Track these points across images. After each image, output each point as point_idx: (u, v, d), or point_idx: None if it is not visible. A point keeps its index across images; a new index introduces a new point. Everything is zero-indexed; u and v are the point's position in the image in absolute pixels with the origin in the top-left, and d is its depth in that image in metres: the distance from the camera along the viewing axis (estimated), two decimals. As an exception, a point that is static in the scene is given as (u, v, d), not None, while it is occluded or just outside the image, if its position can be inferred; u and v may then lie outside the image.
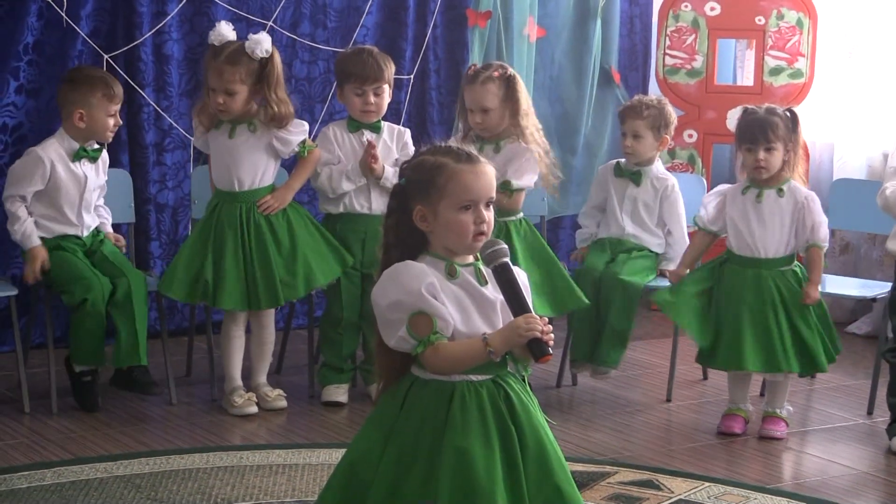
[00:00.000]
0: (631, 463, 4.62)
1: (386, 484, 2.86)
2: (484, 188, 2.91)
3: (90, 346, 4.97)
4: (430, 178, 2.90)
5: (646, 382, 5.78)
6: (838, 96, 7.00)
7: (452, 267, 2.90)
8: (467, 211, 2.89)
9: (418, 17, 6.58)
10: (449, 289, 2.87)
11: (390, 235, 2.95)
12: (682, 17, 7.12)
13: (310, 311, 5.59)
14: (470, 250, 2.92)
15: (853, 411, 5.41)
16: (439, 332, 2.83)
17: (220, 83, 5.02)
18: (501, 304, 2.91)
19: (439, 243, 2.92)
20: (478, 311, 2.90)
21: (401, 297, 2.84)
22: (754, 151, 4.90)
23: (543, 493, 2.88)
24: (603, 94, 7.05)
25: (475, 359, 2.86)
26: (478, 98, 5.24)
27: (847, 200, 5.92)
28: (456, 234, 2.89)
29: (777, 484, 4.51)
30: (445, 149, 2.96)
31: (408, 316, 2.83)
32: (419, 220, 2.91)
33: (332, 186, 5.18)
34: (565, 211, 6.97)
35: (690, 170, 6.97)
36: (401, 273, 2.87)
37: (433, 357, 2.84)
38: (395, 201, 2.97)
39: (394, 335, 2.86)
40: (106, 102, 5.03)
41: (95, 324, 4.95)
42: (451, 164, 2.90)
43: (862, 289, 5.71)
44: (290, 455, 4.60)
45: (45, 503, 4.04)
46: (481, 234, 2.89)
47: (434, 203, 2.89)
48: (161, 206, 6.09)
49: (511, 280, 2.88)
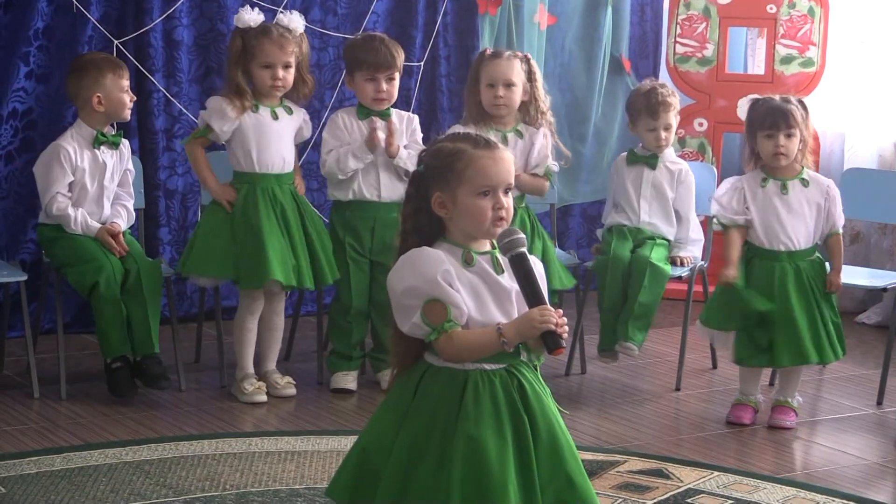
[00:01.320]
0: (640, 452, 4.62)
1: (398, 470, 2.86)
2: (502, 174, 2.91)
3: (114, 335, 4.95)
4: (449, 164, 2.89)
5: (655, 371, 5.78)
6: (849, 86, 7.00)
7: (469, 254, 2.90)
8: (486, 197, 2.88)
9: (429, 4, 6.57)
10: (465, 276, 2.87)
11: (408, 222, 2.95)
12: (693, 5, 7.11)
13: (319, 299, 5.60)
14: (488, 235, 2.92)
15: (863, 401, 5.41)
16: (453, 321, 2.83)
17: (282, 56, 5.07)
18: (517, 294, 2.90)
19: (458, 230, 2.92)
20: (493, 300, 2.89)
21: (416, 283, 2.84)
22: (774, 137, 4.88)
23: (555, 483, 2.88)
24: (613, 83, 7.04)
25: (489, 348, 2.86)
26: (504, 71, 5.25)
27: (858, 190, 5.91)
28: (475, 219, 2.89)
29: (786, 474, 4.51)
30: (464, 135, 2.95)
31: (422, 303, 2.83)
32: (438, 206, 2.91)
33: (339, 167, 5.17)
34: (575, 199, 6.97)
35: (701, 158, 6.96)
36: (417, 259, 2.87)
37: (447, 345, 2.84)
38: (413, 188, 2.96)
39: (408, 321, 2.86)
40: (118, 80, 5.05)
41: (113, 309, 4.94)
42: (470, 150, 2.90)
43: (872, 279, 5.70)
44: (299, 442, 4.60)
45: (54, 488, 4.05)
46: (500, 219, 2.89)
47: (453, 189, 2.89)
48: (170, 192, 6.09)
49: (528, 270, 2.88)
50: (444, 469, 2.82)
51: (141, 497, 4.00)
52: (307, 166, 6.08)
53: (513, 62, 5.28)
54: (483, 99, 5.29)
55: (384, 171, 5.23)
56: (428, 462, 2.84)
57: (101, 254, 4.97)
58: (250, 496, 4.04)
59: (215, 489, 4.10)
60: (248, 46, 5.06)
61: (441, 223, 2.93)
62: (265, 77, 5.08)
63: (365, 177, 5.23)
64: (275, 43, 5.05)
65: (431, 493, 2.82)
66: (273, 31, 5.07)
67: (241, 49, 5.07)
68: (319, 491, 4.03)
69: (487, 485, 2.80)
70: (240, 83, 5.08)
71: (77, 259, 4.99)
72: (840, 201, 4.98)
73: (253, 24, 5.07)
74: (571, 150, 6.80)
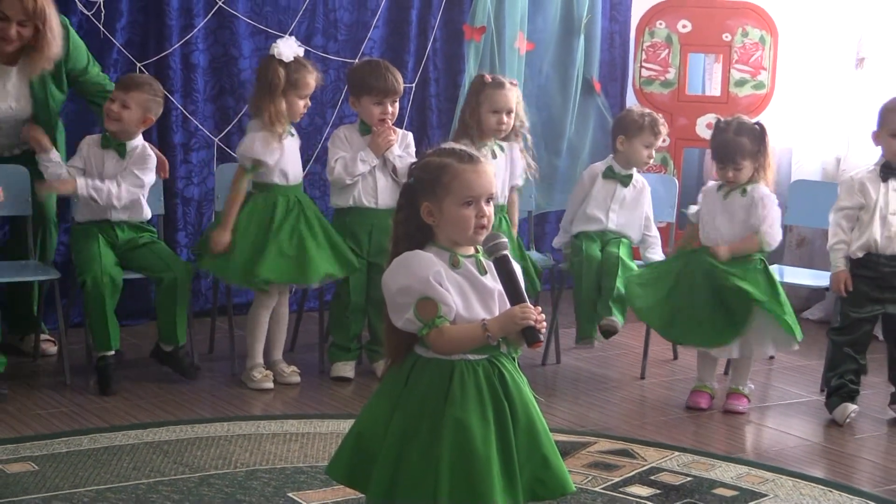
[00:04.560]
0: (609, 434, 4.63)
1: (391, 451, 2.86)
2: (485, 185, 2.90)
3: (99, 330, 4.91)
4: (436, 177, 2.89)
5: (622, 362, 5.79)
6: (797, 106, 7.01)
7: (456, 258, 2.89)
8: (469, 206, 2.88)
9: (420, 32, 6.57)
10: (452, 277, 2.87)
11: (400, 229, 2.94)
12: (657, 33, 7.12)
13: (320, 296, 5.61)
14: (472, 241, 2.91)
15: (807, 389, 5.42)
16: (443, 316, 2.82)
17: (309, 90, 5.08)
18: (499, 294, 2.90)
19: (444, 236, 2.91)
20: (477, 299, 2.89)
21: (410, 282, 2.83)
22: (724, 170, 4.91)
23: (532, 462, 2.89)
24: (585, 103, 7.04)
25: (474, 342, 2.86)
26: (508, 100, 5.27)
27: (804, 200, 5.93)
28: (459, 227, 2.88)
29: (739, 453, 4.51)
30: (449, 150, 2.94)
31: (415, 300, 2.82)
32: (426, 214, 2.90)
33: (347, 172, 5.15)
34: (550, 207, 6.97)
35: (664, 171, 6.97)
36: (410, 261, 2.86)
37: (437, 338, 2.84)
38: (404, 198, 2.96)
39: (402, 317, 2.85)
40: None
41: (97, 306, 4.87)
42: (455, 164, 2.89)
43: (816, 279, 5.72)
44: (302, 424, 4.60)
45: (81, 466, 4.04)
46: (482, 227, 2.89)
47: (440, 199, 2.88)
48: (187, 200, 6.08)
49: (510, 271, 2.88)
50: (434, 449, 2.81)
51: (160, 474, 4.00)
52: (310, 176, 6.08)
53: (512, 92, 5.30)
54: (487, 122, 5.27)
55: (381, 180, 5.23)
56: (419, 443, 2.83)
57: (96, 254, 4.93)
58: (259, 473, 4.04)
59: (227, 467, 4.09)
60: (292, 78, 5.01)
61: (430, 229, 2.92)
62: (300, 105, 5.07)
63: (364, 185, 5.22)
64: (312, 75, 5.06)
65: (422, 472, 2.82)
66: (308, 65, 5.07)
67: (285, 79, 5.01)
68: (321, 469, 4.02)
69: (473, 462, 2.80)
70: (280, 109, 5.02)
71: (79, 259, 4.98)
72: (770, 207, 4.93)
73: (292, 56, 5.03)
74: (547, 163, 6.83)
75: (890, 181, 4.83)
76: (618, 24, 7.26)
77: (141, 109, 5.01)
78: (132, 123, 5.02)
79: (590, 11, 6.96)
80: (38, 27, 4.90)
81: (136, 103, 5.00)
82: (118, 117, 5.00)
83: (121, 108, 4.99)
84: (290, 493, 3.86)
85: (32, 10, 4.88)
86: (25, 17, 4.89)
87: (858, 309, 4.86)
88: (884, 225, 4.81)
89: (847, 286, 4.85)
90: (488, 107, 5.27)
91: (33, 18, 4.89)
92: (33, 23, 4.90)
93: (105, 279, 4.87)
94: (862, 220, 4.86)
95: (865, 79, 6.66)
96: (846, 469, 4.40)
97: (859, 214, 4.87)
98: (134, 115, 5.01)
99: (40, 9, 4.89)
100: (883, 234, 4.81)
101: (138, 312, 5.89)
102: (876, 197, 4.83)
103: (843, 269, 4.87)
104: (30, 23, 4.90)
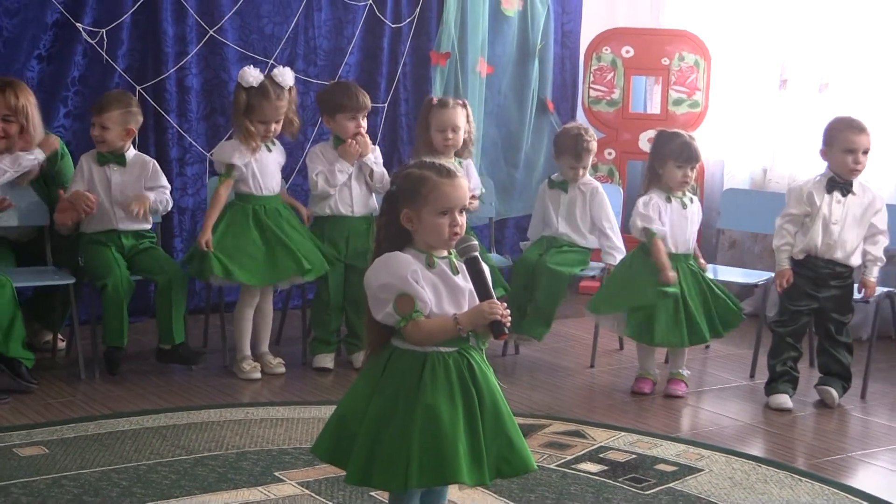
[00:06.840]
0: (562, 416, 4.64)
1: (369, 432, 2.87)
2: (459, 198, 2.91)
3: (112, 327, 4.93)
4: (416, 187, 2.89)
5: (574, 352, 5.80)
6: (728, 122, 7.06)
7: (431, 259, 2.90)
8: (445, 216, 2.89)
9: (391, 57, 6.58)
10: (428, 276, 2.88)
11: (381, 232, 2.95)
12: (604, 58, 7.16)
13: (303, 294, 5.61)
14: (446, 246, 2.93)
15: (739, 374, 5.45)
16: (419, 311, 2.84)
17: (275, 115, 5.02)
18: (469, 292, 2.92)
19: (421, 240, 2.92)
20: (449, 296, 2.90)
21: (390, 280, 2.84)
22: (684, 168, 4.93)
23: (497, 442, 2.90)
24: (540, 120, 7.07)
25: (446, 334, 2.87)
26: (453, 118, 5.25)
27: (735, 206, 5.97)
28: (435, 233, 2.89)
29: (678, 433, 4.54)
30: (429, 164, 2.94)
31: (394, 296, 2.83)
32: (405, 220, 2.91)
33: (329, 183, 5.16)
34: (509, 213, 7.00)
35: (610, 181, 7.00)
36: (391, 261, 2.87)
37: (413, 331, 2.85)
38: (386, 204, 2.97)
39: (381, 311, 2.86)
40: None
41: (114, 307, 4.90)
42: (434, 177, 2.90)
43: (746, 277, 5.75)
44: (287, 410, 4.59)
45: (88, 449, 4.03)
46: (455, 234, 2.90)
47: (418, 208, 2.89)
48: (182, 210, 6.06)
49: (479, 270, 2.89)
50: (407, 431, 2.82)
51: (159, 455, 3.99)
52: (293, 188, 6.08)
53: (457, 110, 5.27)
54: (434, 141, 5.26)
55: (356, 189, 5.23)
56: (394, 425, 2.84)
57: (112, 261, 4.94)
58: (248, 454, 4.03)
59: (220, 449, 4.09)
60: (250, 103, 4.99)
61: (408, 233, 2.93)
62: (261, 129, 5.04)
63: (340, 196, 5.23)
64: (272, 105, 5.00)
65: (396, 451, 2.82)
66: (271, 93, 4.98)
67: (246, 104, 5.01)
68: (304, 450, 4.02)
69: (441, 443, 2.81)
70: (248, 128, 5.01)
71: (95, 264, 4.97)
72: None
73: (254, 82, 4.99)
74: (506, 174, 6.87)
75: (834, 193, 4.86)
76: (568, 49, 7.29)
77: (119, 126, 4.99)
78: (117, 140, 5.01)
79: (543, 38, 7.00)
80: (23, 125, 4.90)
81: (113, 122, 4.98)
82: (102, 139, 5.00)
83: (101, 131, 4.99)
84: (276, 472, 3.86)
85: (14, 105, 4.88)
86: (10, 113, 4.87)
87: (797, 302, 4.90)
88: (825, 232, 4.84)
89: (788, 281, 4.89)
90: (435, 126, 5.27)
91: (16, 115, 4.88)
92: (18, 121, 4.89)
93: (123, 283, 4.89)
94: (806, 225, 4.90)
95: (788, 98, 6.72)
96: (774, 446, 4.43)
97: (804, 220, 4.91)
98: (114, 133, 4.99)
99: (22, 105, 4.89)
100: (824, 240, 4.84)
101: (139, 310, 5.87)
102: (820, 205, 4.86)
103: (787, 268, 4.91)
104: (14, 118, 4.88)
